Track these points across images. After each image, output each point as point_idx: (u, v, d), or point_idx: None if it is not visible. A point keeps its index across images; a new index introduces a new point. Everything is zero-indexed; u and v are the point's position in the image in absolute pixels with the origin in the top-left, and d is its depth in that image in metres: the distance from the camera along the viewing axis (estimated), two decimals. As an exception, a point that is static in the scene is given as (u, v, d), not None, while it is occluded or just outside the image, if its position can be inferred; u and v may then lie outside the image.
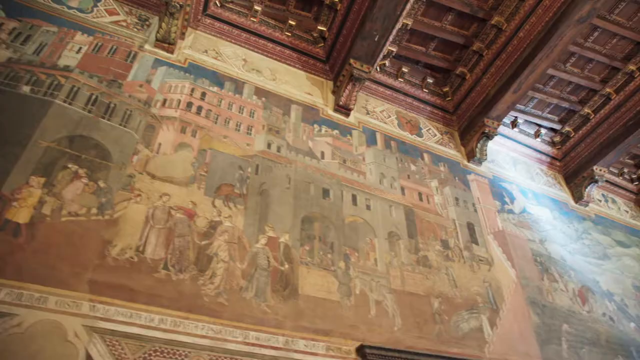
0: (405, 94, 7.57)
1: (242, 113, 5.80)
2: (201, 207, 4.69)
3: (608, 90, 8.13)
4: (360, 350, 4.46)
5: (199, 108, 5.52)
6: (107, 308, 3.69)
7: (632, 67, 7.81)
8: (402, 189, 6.26)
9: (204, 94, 5.69)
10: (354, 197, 5.69)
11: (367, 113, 6.97)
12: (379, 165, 6.29)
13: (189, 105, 5.47)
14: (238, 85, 6.10)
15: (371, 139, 6.63)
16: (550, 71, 7.81)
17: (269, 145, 5.63)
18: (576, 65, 7.89)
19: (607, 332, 6.83)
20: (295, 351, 4.20)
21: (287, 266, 4.70)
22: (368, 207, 5.71)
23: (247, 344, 4.03)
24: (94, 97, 4.96)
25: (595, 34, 7.42)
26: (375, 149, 6.51)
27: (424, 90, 7.72)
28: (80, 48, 5.30)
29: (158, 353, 3.67)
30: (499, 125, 7.41)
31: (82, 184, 4.29)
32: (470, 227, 6.48)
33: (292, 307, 4.47)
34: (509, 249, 6.65)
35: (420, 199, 6.30)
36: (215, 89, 5.88)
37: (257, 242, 4.73)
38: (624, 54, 7.78)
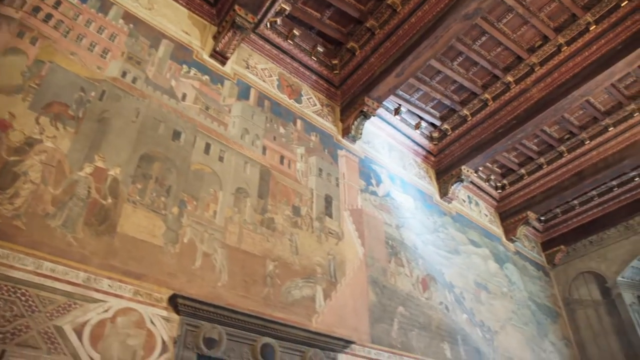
0: (293, 58, 7.34)
1: (100, 34, 5.23)
2: (20, 121, 4.13)
3: (487, 96, 8.50)
4: (172, 299, 4.20)
5: (48, 16, 4.88)
6: None
7: (510, 78, 8.21)
8: (264, 148, 6.04)
9: (58, 3, 5.04)
10: (207, 146, 5.37)
11: (247, 67, 6.65)
12: (245, 121, 6.01)
13: (36, 9, 4.81)
14: (105, 5, 5.49)
15: (243, 93, 6.31)
16: (438, 66, 8.00)
17: (124, 74, 5.13)
18: (462, 65, 8.14)
19: (440, 320, 7.16)
20: (97, 290, 3.85)
21: (110, 201, 4.30)
22: (221, 159, 5.43)
23: (39, 274, 3.61)
24: None
25: (483, 38, 7.68)
26: (245, 104, 6.21)
27: (313, 58, 7.55)
28: None
29: None
30: (378, 106, 7.44)
31: None
32: (328, 200, 6.44)
33: (105, 244, 4.08)
34: (362, 227, 6.70)
35: (281, 163, 6.13)
36: (75, 1, 5.25)
37: (80, 169, 4.26)
38: (505, 65, 8.15)
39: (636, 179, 10.83)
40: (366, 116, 7.32)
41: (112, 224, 4.21)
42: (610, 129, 9.44)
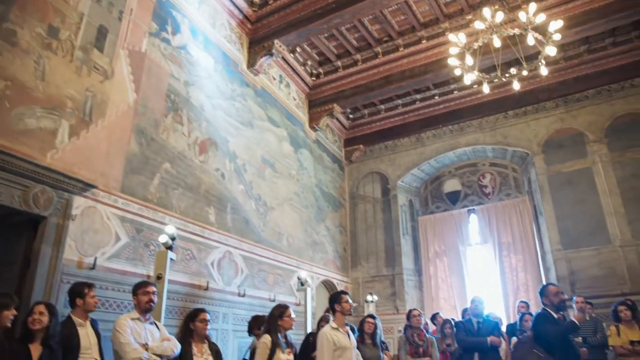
0: None
1: None
2: None
3: (314, -29, 8.10)
4: None
5: None
6: None
7: (344, -44, 7.88)
8: (23, -54, 4.91)
9: None
10: None
11: None
12: None
13: None
14: None
15: None
16: None
17: None
18: None
19: (212, 185, 7.12)
20: None
21: None
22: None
23: None
24: None
25: None
26: None
27: None
28: None
29: None
30: (189, -56, 6.57)
31: None
32: (102, 32, 5.62)
33: None
34: (141, 73, 6.09)
35: (45, -29, 5.09)
36: None
37: None
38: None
39: (436, 97, 11.77)
40: (173, -49, 6.43)
41: None
42: (423, 42, 9.87)
